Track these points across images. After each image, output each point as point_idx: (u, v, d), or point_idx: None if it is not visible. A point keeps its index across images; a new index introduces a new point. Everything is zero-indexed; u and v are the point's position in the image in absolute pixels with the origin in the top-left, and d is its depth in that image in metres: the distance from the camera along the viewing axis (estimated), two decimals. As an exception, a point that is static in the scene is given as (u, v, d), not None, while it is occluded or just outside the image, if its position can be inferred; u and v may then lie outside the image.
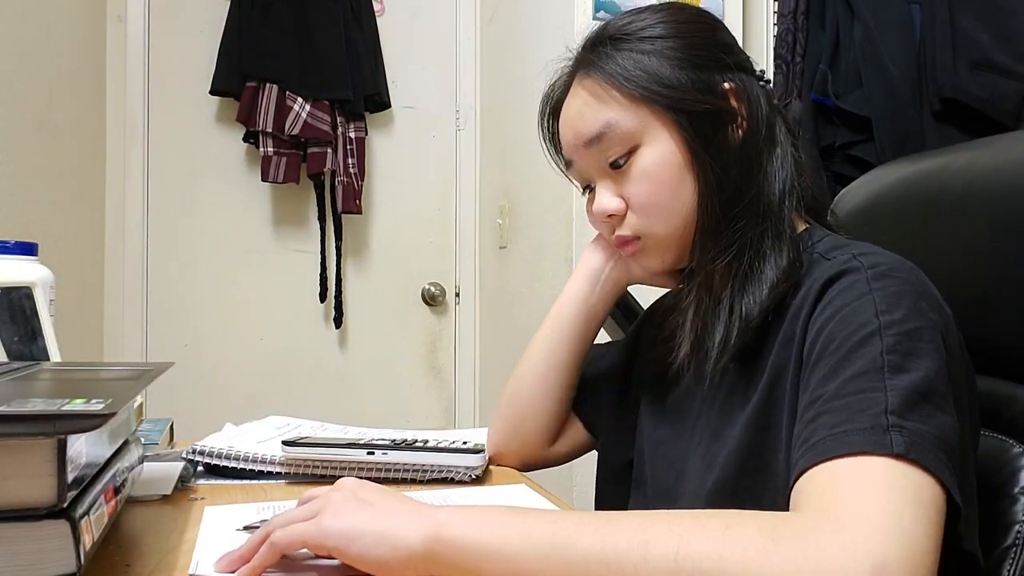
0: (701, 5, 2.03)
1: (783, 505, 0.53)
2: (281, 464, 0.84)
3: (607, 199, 0.74)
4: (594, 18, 2.22)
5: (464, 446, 0.86)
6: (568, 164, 0.79)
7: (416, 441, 0.85)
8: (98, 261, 2.09)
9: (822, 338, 0.60)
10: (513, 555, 0.50)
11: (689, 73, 0.71)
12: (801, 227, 0.74)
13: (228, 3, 2.12)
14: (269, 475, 0.84)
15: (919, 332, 0.57)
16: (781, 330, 0.66)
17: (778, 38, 1.99)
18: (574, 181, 0.80)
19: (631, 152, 0.72)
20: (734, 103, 0.72)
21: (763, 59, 2.11)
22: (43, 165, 1.70)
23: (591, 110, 0.73)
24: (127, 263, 2.13)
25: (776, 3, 2.05)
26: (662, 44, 0.72)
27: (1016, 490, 0.68)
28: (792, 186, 0.72)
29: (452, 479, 0.83)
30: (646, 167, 0.72)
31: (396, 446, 0.84)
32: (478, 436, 0.95)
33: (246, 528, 0.63)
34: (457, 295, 2.38)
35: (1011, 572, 0.65)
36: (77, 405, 0.46)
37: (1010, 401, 0.71)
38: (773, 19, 2.08)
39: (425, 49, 2.36)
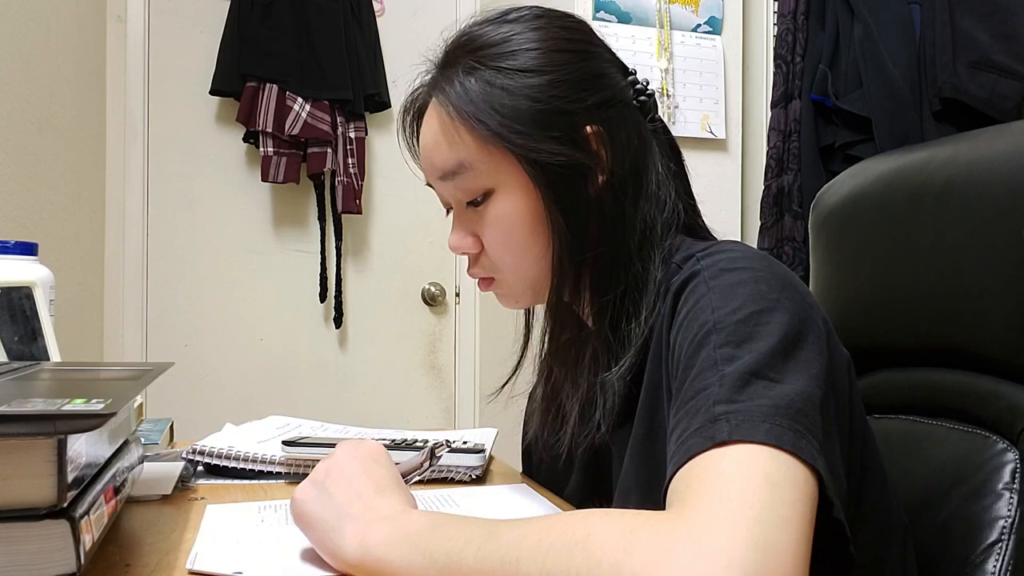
0: (701, 6, 2.03)
1: None
2: (281, 464, 0.84)
3: (461, 238, 0.72)
4: (594, 18, 2.22)
5: (464, 446, 0.86)
6: (431, 186, 0.75)
7: (416, 441, 0.85)
8: (98, 261, 2.09)
9: (675, 352, 0.59)
10: (419, 574, 0.51)
11: (548, 118, 0.66)
12: (670, 248, 0.69)
13: (228, 3, 2.12)
14: (269, 475, 0.84)
15: (754, 316, 0.55)
16: (651, 350, 0.64)
17: (778, 38, 1.99)
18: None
19: (487, 194, 0.69)
20: (596, 148, 0.67)
21: (763, 59, 2.11)
22: (43, 165, 1.70)
23: (445, 145, 0.69)
24: (127, 263, 2.13)
25: (776, 3, 2.05)
26: (521, 80, 0.66)
27: (1000, 486, 0.68)
28: (654, 226, 0.68)
29: (452, 479, 0.83)
30: (500, 216, 0.68)
31: (396, 446, 0.84)
32: (478, 436, 0.95)
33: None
34: (457, 295, 2.38)
35: (998, 567, 0.66)
36: (77, 405, 0.46)
37: (993, 397, 0.71)
38: (773, 19, 2.08)
39: (425, 49, 2.36)
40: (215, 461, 0.84)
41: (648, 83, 0.73)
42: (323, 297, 2.25)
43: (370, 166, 2.28)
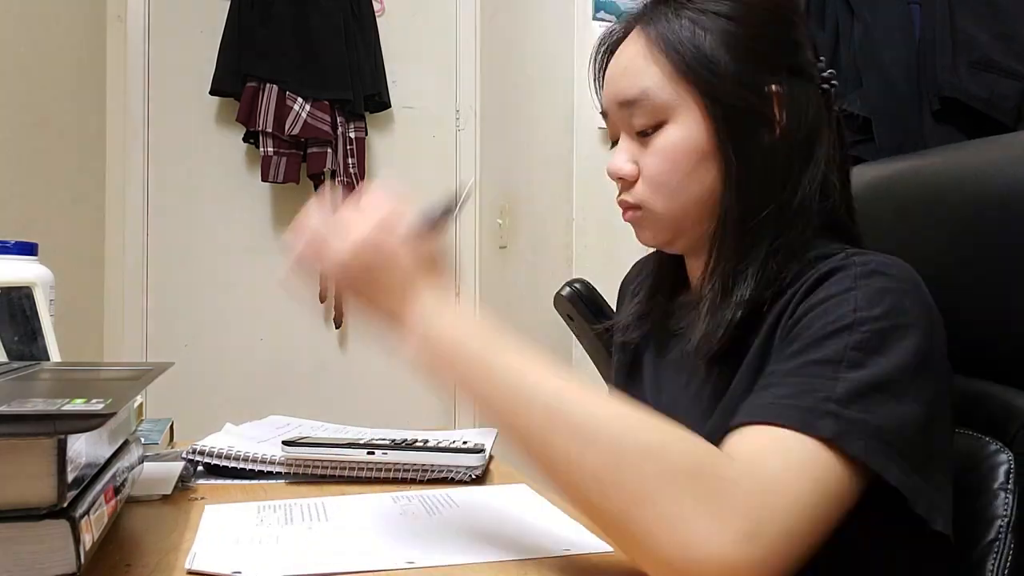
0: None
1: None
2: (281, 464, 0.84)
3: (622, 162, 0.74)
4: (594, 18, 2.22)
5: (464, 446, 0.86)
6: (604, 114, 0.77)
7: (416, 441, 0.85)
8: (98, 261, 2.09)
9: (799, 325, 0.62)
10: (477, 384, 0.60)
11: (740, 64, 0.69)
12: (813, 237, 0.71)
13: (228, 3, 2.12)
14: (269, 475, 0.84)
15: (892, 330, 0.58)
16: (765, 325, 0.66)
17: (778, 38, 1.99)
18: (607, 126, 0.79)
19: (659, 125, 0.71)
20: (776, 109, 0.70)
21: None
22: (43, 165, 1.70)
23: (633, 71, 0.72)
24: (127, 263, 2.12)
25: (776, 3, 2.05)
26: (724, 24, 0.69)
27: (996, 486, 0.69)
28: (810, 205, 0.70)
29: (452, 479, 0.83)
30: (667, 145, 0.71)
31: (396, 446, 0.84)
32: (478, 436, 0.95)
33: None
34: (457, 295, 2.37)
35: (995, 566, 0.67)
36: (77, 405, 0.46)
37: (983, 399, 0.72)
38: (773, 19, 2.08)
39: (425, 49, 2.36)
40: (215, 461, 0.84)
41: (834, 74, 0.75)
42: (323, 297, 2.25)
43: (370, 166, 2.28)
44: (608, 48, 0.79)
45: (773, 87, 0.70)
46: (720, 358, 0.69)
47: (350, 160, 2.17)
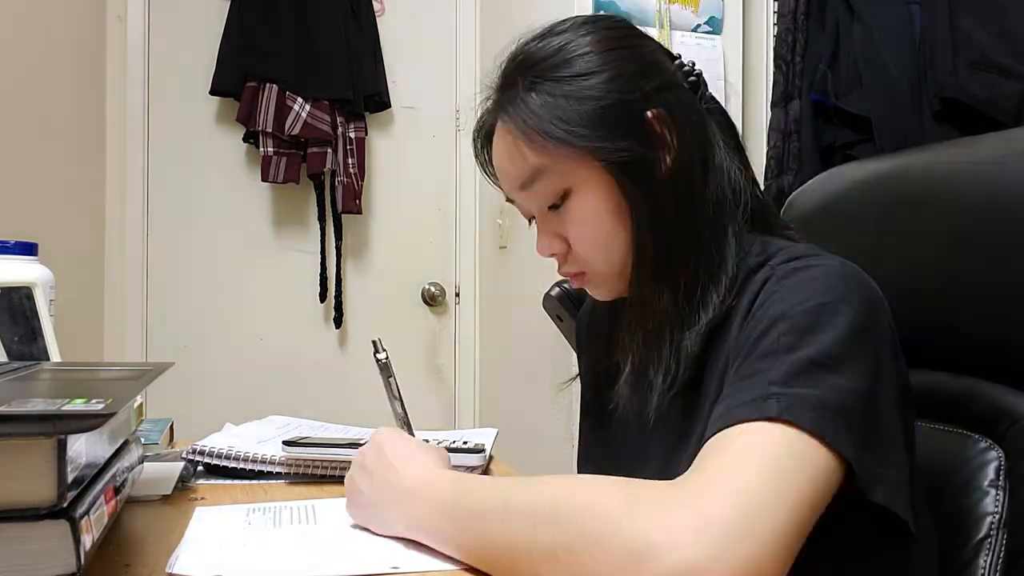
0: (701, 6, 2.03)
1: None
2: (281, 464, 0.84)
3: (547, 241, 0.74)
4: (594, 18, 2.22)
5: (464, 446, 0.86)
6: (509, 200, 0.78)
7: (416, 441, 0.85)
8: (98, 261, 2.09)
9: (739, 343, 0.62)
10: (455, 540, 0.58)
11: (611, 113, 0.68)
12: (745, 237, 0.72)
13: (228, 3, 2.12)
14: (269, 475, 0.84)
15: (819, 308, 0.58)
16: (722, 355, 0.66)
17: (778, 38, 1.99)
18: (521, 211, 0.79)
19: (564, 195, 0.71)
20: (660, 131, 0.70)
21: (763, 59, 2.11)
22: (43, 165, 1.70)
23: (518, 158, 0.72)
24: (127, 263, 2.12)
25: (776, 3, 2.05)
26: (580, 84, 0.69)
27: (986, 483, 0.70)
28: (727, 201, 0.71)
29: (452, 479, 0.83)
30: (580, 212, 0.71)
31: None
32: (478, 436, 0.95)
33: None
34: (457, 295, 2.38)
35: (988, 562, 0.68)
36: (77, 405, 0.46)
37: (973, 397, 0.73)
38: (773, 19, 2.08)
39: (425, 49, 2.36)
40: (215, 461, 0.84)
41: (694, 64, 0.76)
42: (323, 297, 2.25)
43: (370, 166, 2.28)
44: (484, 140, 0.79)
45: (649, 114, 0.70)
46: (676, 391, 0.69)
47: (350, 160, 2.17)
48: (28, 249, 0.89)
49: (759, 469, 0.50)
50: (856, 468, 0.52)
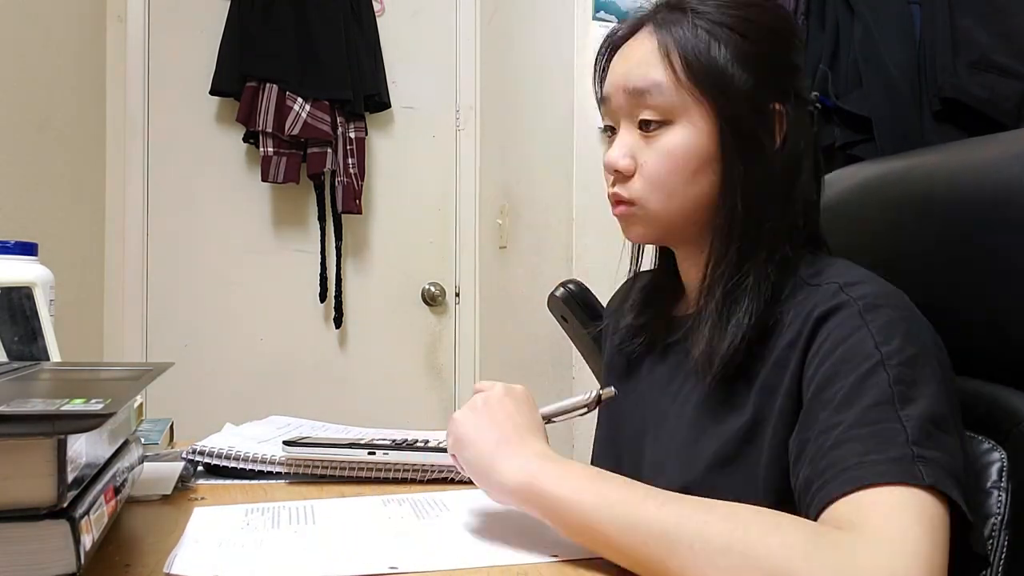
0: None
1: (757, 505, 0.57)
2: (281, 464, 0.84)
3: (622, 154, 0.74)
4: (594, 18, 2.22)
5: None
6: (604, 99, 0.78)
7: (416, 441, 0.85)
8: (98, 261, 2.09)
9: (824, 370, 0.63)
10: (589, 511, 0.56)
11: (752, 80, 0.71)
12: (800, 254, 0.74)
13: (228, 3, 2.12)
14: (269, 475, 0.84)
15: (916, 358, 0.61)
16: (772, 354, 0.68)
17: (778, 38, 1.99)
18: (601, 112, 0.80)
19: (664, 123, 0.72)
20: (776, 127, 0.73)
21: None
22: (43, 165, 1.70)
23: (649, 64, 0.73)
24: (127, 263, 2.12)
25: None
26: (738, 40, 0.72)
27: (989, 484, 0.70)
28: (796, 222, 0.73)
29: (452, 479, 0.83)
30: (672, 146, 0.72)
31: (397, 446, 0.84)
32: (478, 436, 0.95)
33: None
34: (457, 295, 2.38)
35: (991, 562, 0.68)
36: (77, 405, 0.46)
37: (976, 397, 0.73)
38: (773, 19, 2.08)
39: (425, 49, 2.36)
40: (215, 461, 0.84)
41: (818, 97, 0.79)
42: (323, 297, 2.25)
43: (370, 166, 2.28)
44: (613, 44, 0.79)
45: (777, 106, 0.72)
46: (721, 375, 0.70)
47: (350, 160, 2.17)
48: (28, 249, 0.89)
49: (929, 541, 0.52)
50: (973, 529, 0.56)
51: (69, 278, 1.82)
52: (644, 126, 0.73)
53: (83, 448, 0.50)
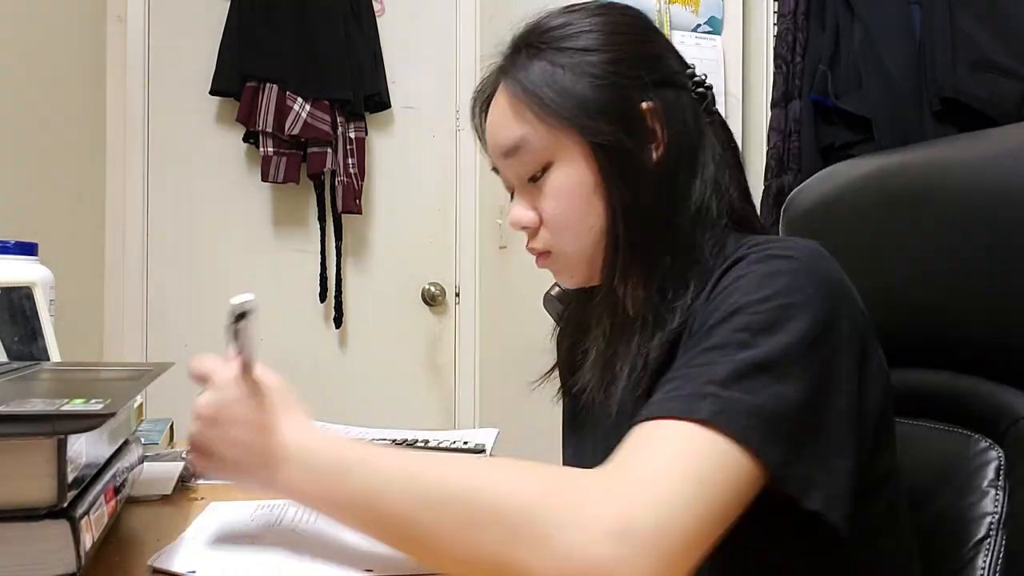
0: (701, 6, 2.03)
1: None
2: (281, 464, 0.84)
3: (521, 211, 0.74)
4: (594, 18, 2.21)
5: (464, 446, 0.86)
6: (494, 168, 0.78)
7: (416, 441, 0.85)
8: (98, 261, 2.09)
9: (700, 319, 0.61)
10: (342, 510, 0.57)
11: (605, 93, 0.69)
12: (726, 240, 0.70)
13: (228, 3, 2.12)
14: (269, 475, 0.84)
15: (782, 308, 0.57)
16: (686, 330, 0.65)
17: (778, 38, 1.99)
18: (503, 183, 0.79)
19: (545, 168, 0.71)
20: (651, 124, 0.70)
21: (763, 59, 2.11)
22: (43, 165, 1.70)
23: (507, 123, 0.72)
24: (127, 263, 2.12)
25: (776, 3, 2.05)
26: (581, 58, 0.69)
27: (985, 483, 0.69)
28: (709, 207, 0.70)
29: (452, 479, 0.83)
30: (557, 186, 0.71)
31: (397, 446, 0.84)
32: (478, 436, 0.95)
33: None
34: (457, 295, 2.38)
35: (987, 562, 0.67)
36: (77, 405, 0.46)
37: (974, 396, 0.73)
38: (773, 19, 2.08)
39: (425, 49, 2.36)
40: (215, 461, 0.84)
41: (706, 77, 0.76)
42: (323, 297, 2.25)
43: (370, 166, 2.28)
44: (482, 105, 0.79)
45: (644, 104, 0.70)
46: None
47: (350, 160, 2.17)
48: (28, 249, 0.89)
49: (683, 478, 0.50)
50: (780, 477, 0.52)
51: (69, 278, 1.82)
52: (531, 179, 0.72)
53: (83, 448, 0.50)
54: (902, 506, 0.66)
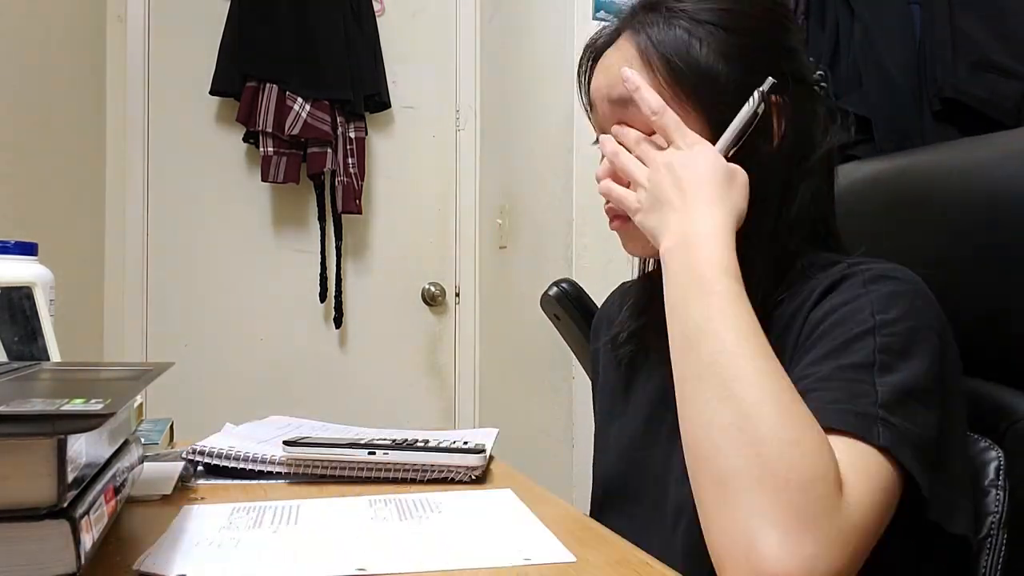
0: None
1: None
2: (282, 464, 0.84)
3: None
4: (594, 18, 2.22)
5: (464, 446, 0.86)
6: (591, 106, 0.75)
7: (416, 441, 0.85)
8: (98, 261, 2.09)
9: (818, 330, 0.62)
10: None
11: (738, 75, 0.67)
12: (813, 255, 0.71)
13: (228, 3, 2.12)
14: (269, 475, 0.84)
15: (912, 332, 0.59)
16: (774, 331, 0.65)
17: (778, 38, 1.99)
18: (592, 122, 0.77)
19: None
20: (774, 119, 0.68)
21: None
22: (43, 165, 1.70)
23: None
24: (127, 263, 2.13)
25: (776, 3, 2.05)
26: (720, 34, 0.67)
27: (987, 483, 0.70)
28: (804, 220, 0.70)
29: (452, 479, 0.83)
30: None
31: (397, 446, 0.83)
32: (478, 436, 0.95)
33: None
34: (457, 295, 2.38)
35: (988, 562, 0.68)
36: (77, 405, 0.46)
37: (974, 396, 0.73)
38: (773, 19, 2.08)
39: (425, 49, 2.36)
40: (215, 461, 0.84)
41: (824, 74, 0.74)
42: (323, 297, 2.25)
43: (370, 166, 2.28)
44: (595, 52, 0.76)
45: (773, 97, 0.68)
46: None
47: (350, 160, 2.17)
48: (28, 249, 0.89)
49: (872, 507, 0.53)
50: (929, 503, 0.55)
51: (69, 278, 1.82)
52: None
53: (83, 448, 0.50)
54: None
